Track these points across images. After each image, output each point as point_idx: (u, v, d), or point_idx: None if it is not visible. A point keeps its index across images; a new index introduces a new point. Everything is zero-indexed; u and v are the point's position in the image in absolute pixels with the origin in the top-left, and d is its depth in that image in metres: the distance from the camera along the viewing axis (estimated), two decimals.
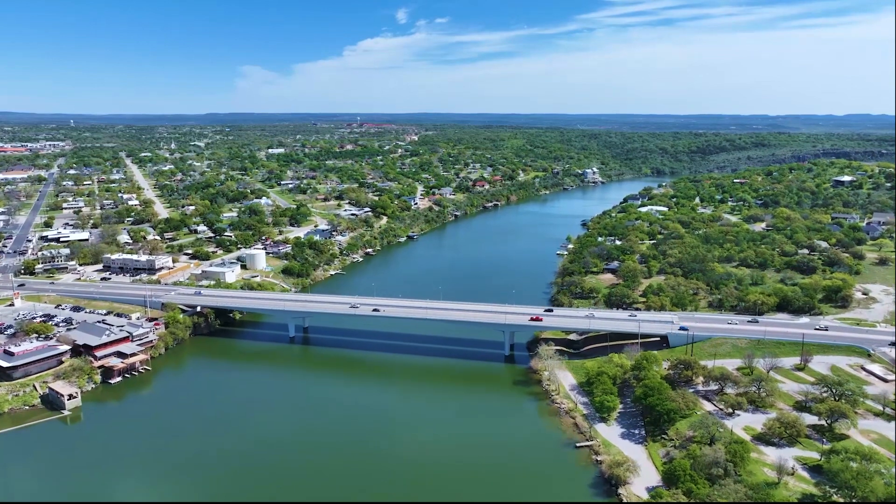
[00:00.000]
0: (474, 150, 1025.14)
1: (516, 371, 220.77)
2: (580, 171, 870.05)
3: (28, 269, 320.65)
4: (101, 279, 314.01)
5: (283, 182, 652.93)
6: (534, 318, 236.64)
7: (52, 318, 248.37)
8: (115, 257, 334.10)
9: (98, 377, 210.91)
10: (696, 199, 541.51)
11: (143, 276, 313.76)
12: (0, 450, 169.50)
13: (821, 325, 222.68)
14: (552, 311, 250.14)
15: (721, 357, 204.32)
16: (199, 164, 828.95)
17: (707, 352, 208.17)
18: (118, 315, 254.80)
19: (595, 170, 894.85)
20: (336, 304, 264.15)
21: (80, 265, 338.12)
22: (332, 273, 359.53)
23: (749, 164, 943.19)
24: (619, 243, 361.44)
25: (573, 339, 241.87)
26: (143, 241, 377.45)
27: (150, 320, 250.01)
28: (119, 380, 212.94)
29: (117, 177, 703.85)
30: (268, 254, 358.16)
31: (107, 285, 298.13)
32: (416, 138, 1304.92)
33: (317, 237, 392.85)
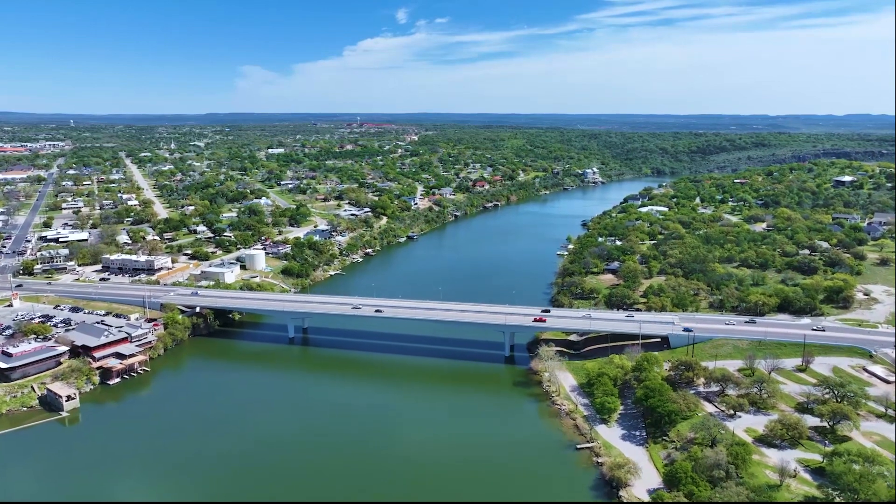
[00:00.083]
0: (474, 150, 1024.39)
1: (516, 372, 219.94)
2: (580, 172, 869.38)
3: (27, 270, 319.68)
4: (100, 280, 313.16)
5: (282, 182, 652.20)
6: (537, 320, 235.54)
7: (50, 318, 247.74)
8: (114, 258, 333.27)
9: (96, 378, 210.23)
10: (697, 200, 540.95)
11: (142, 276, 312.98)
12: None
13: (818, 326, 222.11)
14: (549, 311, 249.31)
15: (722, 358, 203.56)
16: (198, 164, 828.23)
17: (708, 353, 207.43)
18: (117, 316, 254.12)
19: (595, 170, 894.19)
20: (338, 304, 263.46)
21: (79, 265, 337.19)
22: (332, 273, 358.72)
23: (749, 164, 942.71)
24: (620, 244, 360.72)
25: (573, 339, 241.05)
26: (143, 241, 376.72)
27: (149, 321, 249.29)
28: (118, 381, 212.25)
29: (117, 177, 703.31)
30: (267, 254, 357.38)
31: (106, 286, 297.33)
32: (416, 138, 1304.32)
33: (316, 237, 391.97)
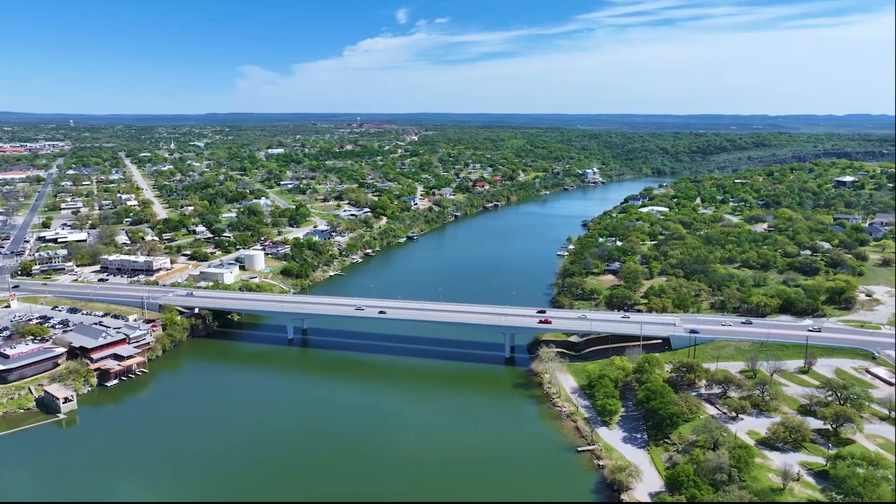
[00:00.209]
0: (474, 150, 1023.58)
1: (517, 373, 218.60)
2: (580, 172, 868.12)
3: (25, 270, 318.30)
4: (99, 280, 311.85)
5: (282, 182, 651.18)
6: (543, 321, 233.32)
7: (48, 319, 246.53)
8: (112, 258, 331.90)
9: (94, 380, 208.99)
10: (697, 200, 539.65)
11: (140, 277, 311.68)
12: None
13: (813, 327, 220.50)
14: (545, 311, 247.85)
15: (724, 360, 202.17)
16: (198, 164, 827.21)
17: (709, 354, 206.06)
18: (115, 317, 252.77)
19: (595, 170, 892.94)
20: (337, 305, 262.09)
21: (78, 266, 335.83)
22: (332, 274, 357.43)
23: (750, 164, 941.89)
24: (620, 244, 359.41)
25: (574, 340, 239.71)
26: (142, 241, 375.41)
27: (148, 322, 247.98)
28: (115, 382, 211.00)
29: (116, 177, 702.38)
30: (267, 255, 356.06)
31: (104, 286, 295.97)
32: (416, 138, 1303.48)
33: (316, 238, 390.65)
